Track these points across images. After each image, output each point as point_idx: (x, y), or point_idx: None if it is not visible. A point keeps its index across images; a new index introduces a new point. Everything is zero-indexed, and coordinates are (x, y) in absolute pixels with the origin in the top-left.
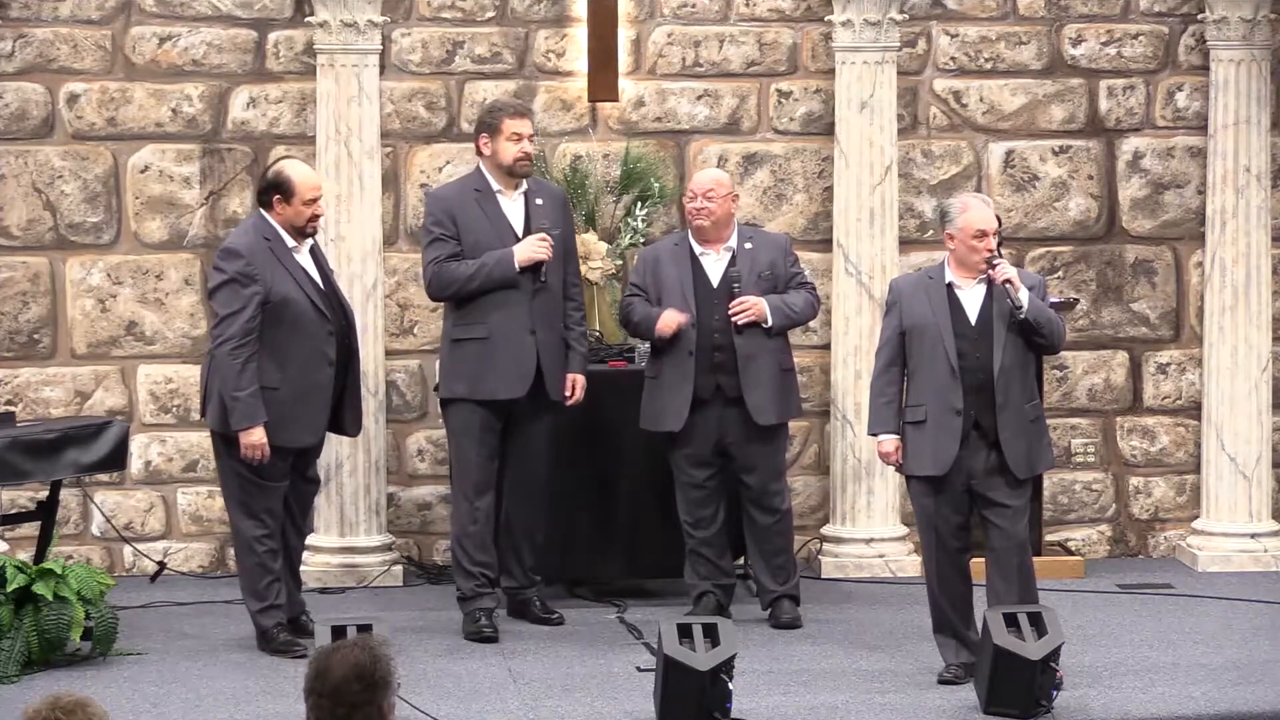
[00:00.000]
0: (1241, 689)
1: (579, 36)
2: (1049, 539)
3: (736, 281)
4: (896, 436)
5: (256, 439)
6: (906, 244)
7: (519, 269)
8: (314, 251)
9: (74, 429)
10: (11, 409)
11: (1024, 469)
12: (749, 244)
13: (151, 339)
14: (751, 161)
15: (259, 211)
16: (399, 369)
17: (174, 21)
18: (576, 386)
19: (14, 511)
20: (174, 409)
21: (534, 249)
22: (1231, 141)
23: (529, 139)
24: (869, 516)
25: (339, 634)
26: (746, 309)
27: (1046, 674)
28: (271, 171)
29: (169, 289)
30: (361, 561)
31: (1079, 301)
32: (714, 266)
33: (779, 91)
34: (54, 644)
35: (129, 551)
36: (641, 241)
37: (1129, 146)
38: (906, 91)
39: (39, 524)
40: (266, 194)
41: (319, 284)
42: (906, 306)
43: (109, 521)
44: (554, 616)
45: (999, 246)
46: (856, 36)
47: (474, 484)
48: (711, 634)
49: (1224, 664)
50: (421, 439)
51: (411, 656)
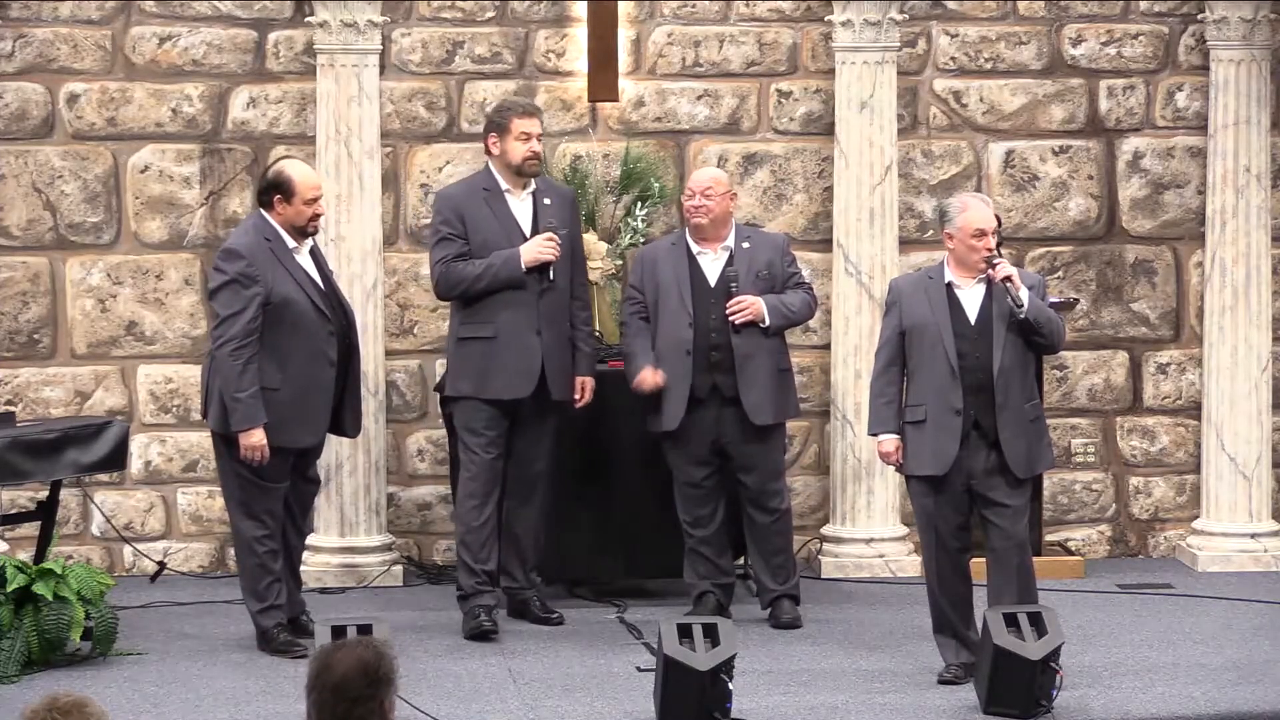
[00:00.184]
0: (1241, 689)
1: (579, 36)
2: (1049, 539)
3: (734, 281)
4: (896, 436)
5: (256, 440)
6: (906, 244)
7: (525, 269)
8: (314, 252)
9: (74, 429)
10: (11, 409)
11: (1024, 469)
12: (746, 243)
13: (151, 339)
14: (751, 161)
15: (259, 212)
16: (399, 369)
17: (174, 21)
18: (586, 389)
19: (14, 511)
20: (174, 409)
21: (540, 249)
22: (1231, 141)
23: (537, 139)
24: (869, 516)
25: (339, 634)
26: (744, 308)
27: (1046, 674)
28: (272, 171)
29: (169, 289)
30: (361, 561)
31: (1079, 301)
32: (711, 266)
33: (779, 91)
34: (54, 644)
35: (129, 551)
36: (641, 241)
37: (1129, 146)
38: (906, 91)
39: (39, 524)
40: (267, 194)
41: (319, 284)
42: (906, 306)
43: (109, 521)
44: (554, 616)
45: (998, 246)
46: (856, 36)
47: (479, 482)
48: (711, 634)
49: (1224, 664)
50: (421, 439)
51: (411, 656)
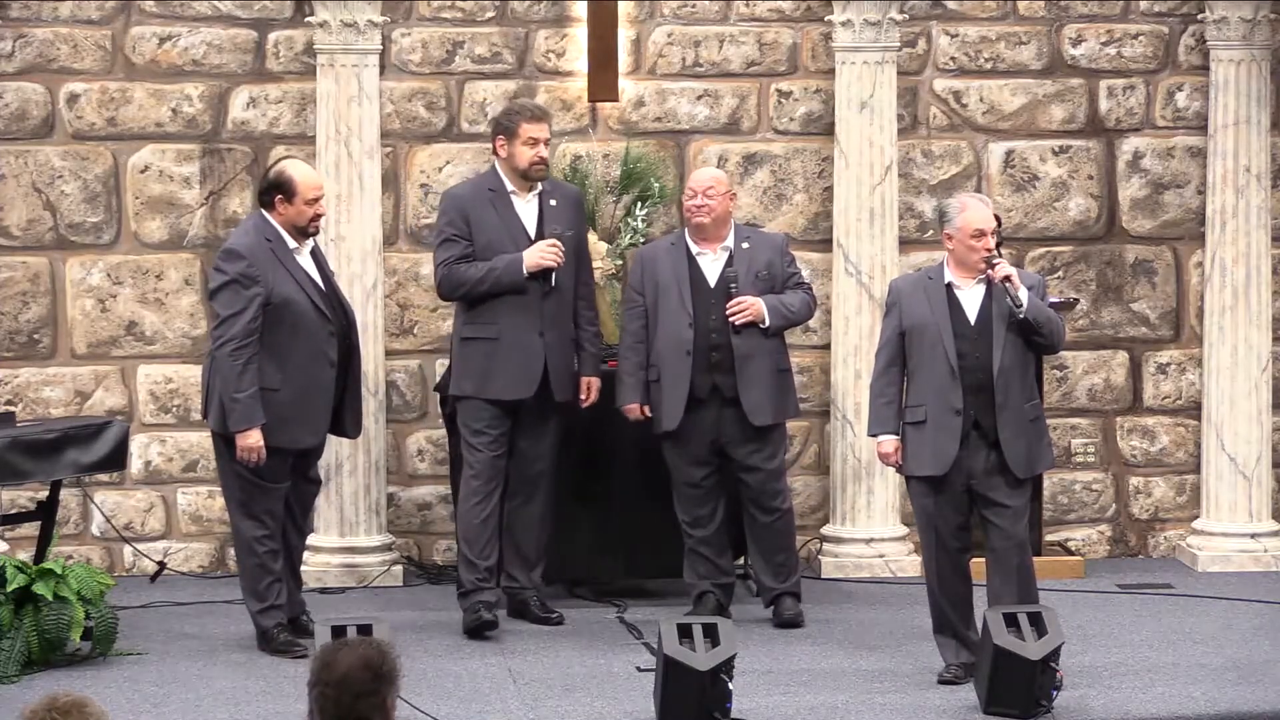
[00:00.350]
0: (1241, 689)
1: (579, 36)
2: (1049, 539)
3: (734, 281)
4: (896, 437)
5: (253, 441)
6: (906, 244)
7: (527, 274)
8: (315, 252)
9: (74, 429)
10: (11, 409)
11: (1024, 469)
12: (746, 244)
13: (151, 339)
14: (751, 161)
15: (260, 212)
16: (399, 369)
17: (174, 21)
18: (591, 389)
19: (14, 511)
20: (174, 409)
21: (543, 255)
22: (1231, 141)
23: (545, 144)
24: (869, 516)
25: (339, 634)
26: (744, 309)
27: (1046, 674)
28: (273, 171)
29: (169, 289)
30: (361, 561)
31: (1079, 301)
32: (711, 266)
33: (779, 91)
34: (54, 644)
35: (129, 551)
36: (641, 241)
37: (1129, 146)
38: (906, 91)
39: (39, 524)
40: (268, 194)
41: (320, 285)
42: (906, 307)
43: (109, 521)
44: (554, 616)
45: (998, 246)
46: (856, 36)
47: (481, 479)
48: (711, 634)
49: (1224, 664)
50: (421, 439)
51: (411, 656)
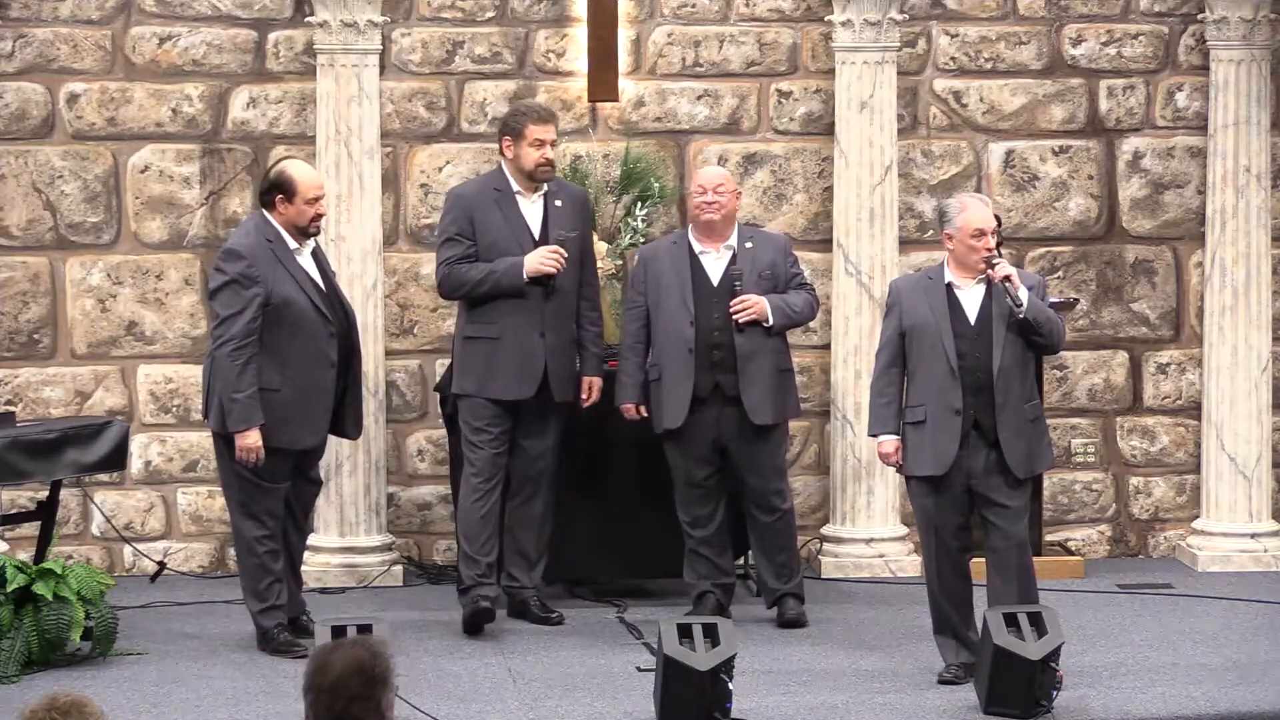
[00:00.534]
0: (1241, 689)
1: (579, 36)
2: (1049, 539)
3: (738, 280)
4: (896, 437)
5: (251, 441)
6: (906, 244)
7: (527, 279)
8: (316, 253)
9: (74, 429)
10: (11, 409)
11: (1023, 469)
12: (749, 243)
13: (151, 339)
14: (751, 161)
15: (260, 212)
16: (399, 369)
17: (174, 21)
18: (593, 389)
19: (14, 511)
20: (174, 409)
21: (543, 261)
22: (1231, 141)
23: (551, 145)
24: (869, 516)
25: (339, 634)
26: (748, 307)
27: (1046, 674)
28: (274, 171)
29: (169, 289)
30: (361, 561)
31: (1079, 301)
32: (714, 265)
33: (779, 91)
34: (54, 644)
35: (129, 551)
36: (641, 241)
37: (1129, 146)
38: (906, 91)
39: (39, 524)
40: (269, 194)
41: (320, 285)
42: (906, 307)
43: (109, 521)
44: (554, 616)
45: (998, 246)
46: (856, 36)
47: (482, 476)
48: (711, 634)
49: (1224, 664)
50: (421, 439)
51: (411, 656)
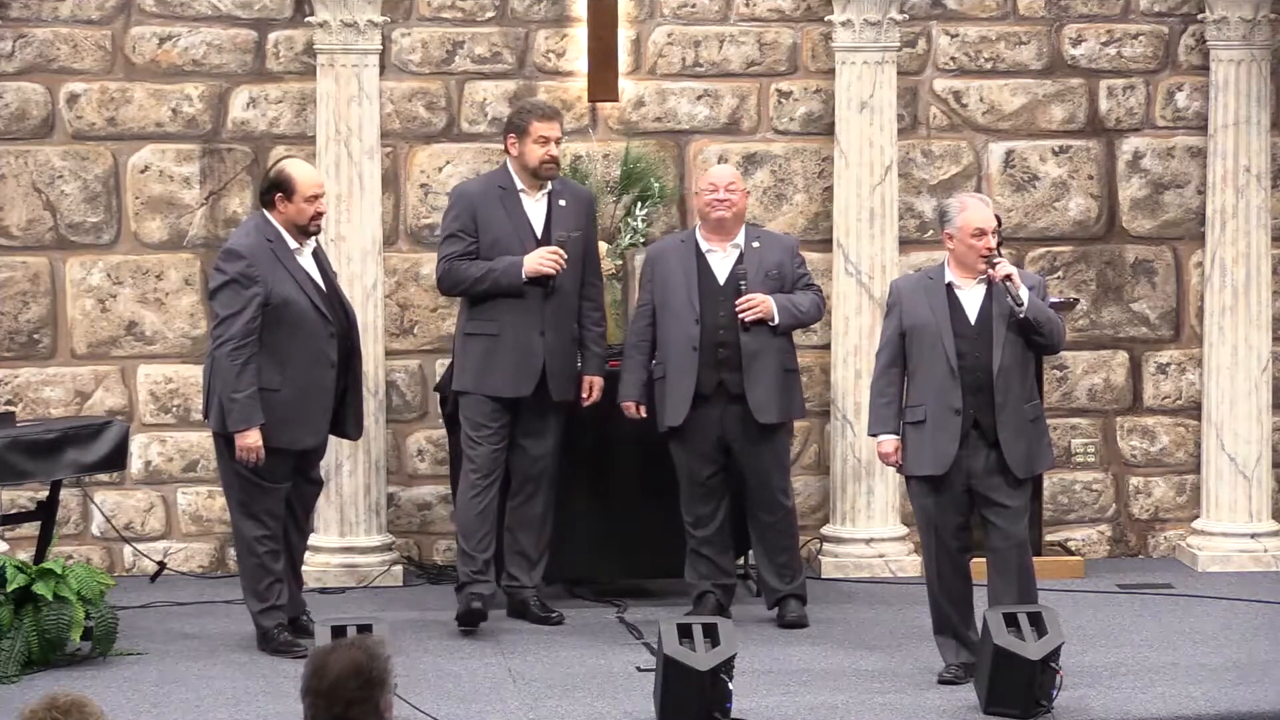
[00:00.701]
0: (1241, 689)
1: (579, 36)
2: (1049, 539)
3: (744, 278)
4: (896, 437)
5: (251, 441)
6: (906, 244)
7: (525, 279)
8: (317, 253)
9: (74, 429)
10: (11, 409)
11: (1023, 469)
12: (756, 243)
13: (151, 339)
14: (751, 161)
15: (261, 212)
16: (399, 369)
17: (174, 21)
18: (594, 388)
19: (14, 511)
20: (174, 409)
21: (541, 262)
22: (1231, 141)
23: (556, 143)
24: (869, 516)
25: (339, 634)
26: (754, 306)
27: (1046, 674)
28: (273, 171)
29: (169, 289)
30: (361, 561)
31: (1079, 301)
32: (720, 264)
33: (779, 91)
34: (54, 644)
35: (129, 551)
36: (641, 241)
37: (1129, 146)
38: (906, 91)
39: (39, 524)
40: (268, 193)
41: (320, 285)
42: (907, 307)
43: (109, 521)
44: (553, 616)
45: (999, 246)
46: (856, 36)
47: (480, 472)
48: (711, 634)
49: (1224, 664)
50: (421, 439)
51: (411, 656)
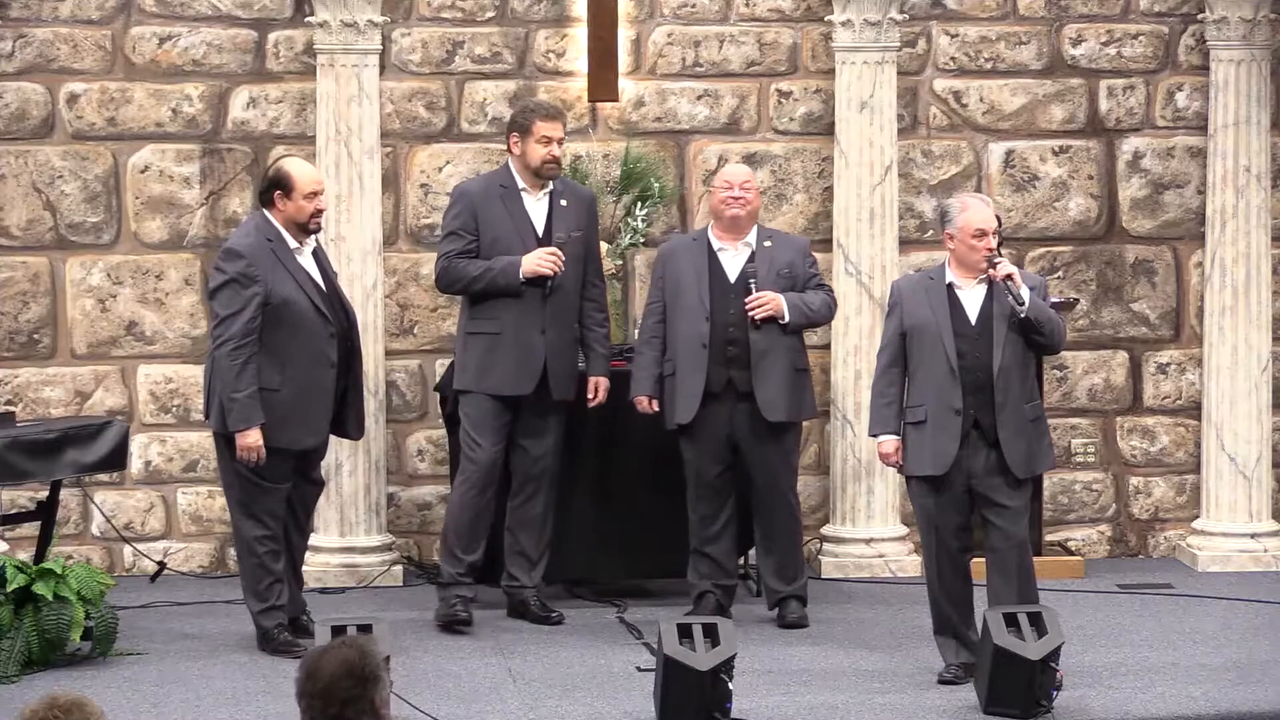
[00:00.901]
0: (1241, 689)
1: (579, 36)
2: (1049, 539)
3: (753, 277)
4: (896, 437)
5: (252, 440)
6: (906, 244)
7: (523, 279)
8: (317, 253)
9: (74, 429)
10: (11, 409)
11: (1023, 469)
12: (768, 242)
13: (151, 339)
14: (751, 161)
15: (261, 212)
16: (399, 369)
17: (174, 21)
18: (599, 389)
19: (14, 511)
20: (174, 409)
21: (539, 262)
22: (1231, 141)
23: (559, 143)
24: (869, 516)
25: (339, 634)
26: (764, 304)
27: (1046, 674)
28: (272, 169)
29: (169, 289)
30: (361, 561)
31: (1079, 301)
32: (732, 262)
33: (779, 91)
34: (54, 644)
35: (129, 551)
36: (641, 242)
37: (1129, 146)
38: (906, 91)
39: (39, 524)
40: (268, 192)
41: (320, 285)
42: (908, 307)
43: (109, 521)
44: (553, 616)
45: (999, 246)
46: (856, 36)
47: (478, 474)
48: (711, 634)
49: (1224, 664)
50: (421, 439)
51: (411, 656)
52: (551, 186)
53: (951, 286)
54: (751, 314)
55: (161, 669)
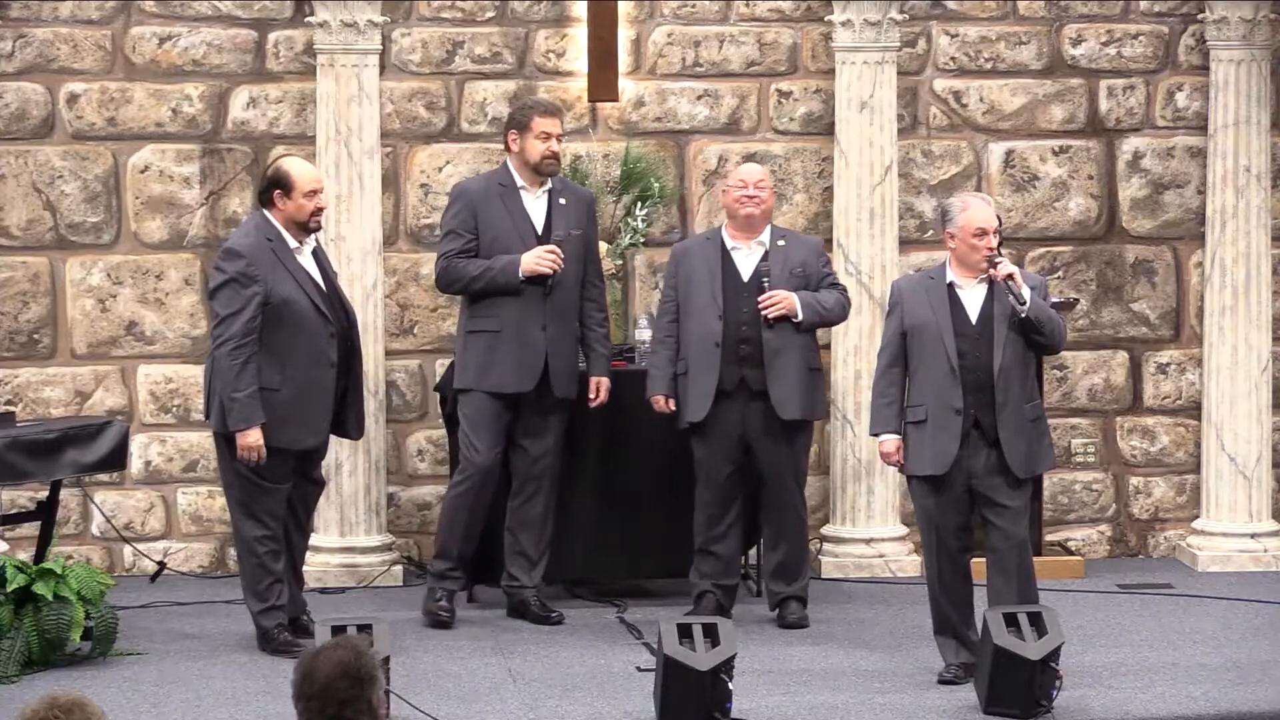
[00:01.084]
0: (1241, 689)
1: (579, 36)
2: (1049, 539)
3: (766, 275)
4: (897, 437)
5: (253, 440)
6: (906, 244)
7: (522, 278)
8: (317, 253)
9: (74, 429)
10: (11, 409)
11: (1024, 469)
12: (782, 241)
13: (151, 339)
14: (751, 161)
15: (261, 212)
16: (399, 369)
17: (174, 21)
18: (601, 389)
19: (14, 511)
20: (174, 409)
21: (538, 262)
22: (1231, 141)
23: (557, 139)
24: (869, 516)
25: (339, 634)
26: (777, 302)
27: (1046, 674)
28: (271, 169)
29: (169, 289)
30: (361, 561)
31: (1079, 301)
32: (745, 261)
33: (779, 91)
34: (54, 644)
35: (129, 551)
36: (641, 242)
37: (1129, 146)
38: (906, 91)
39: (39, 524)
40: (267, 191)
41: (320, 285)
42: (908, 307)
43: (109, 521)
44: (553, 616)
45: (1000, 246)
46: (856, 36)
47: (476, 473)
48: (711, 634)
49: (1224, 664)
50: (421, 439)
51: (411, 656)
52: (550, 185)
53: (952, 286)
54: (764, 313)
55: (161, 669)
